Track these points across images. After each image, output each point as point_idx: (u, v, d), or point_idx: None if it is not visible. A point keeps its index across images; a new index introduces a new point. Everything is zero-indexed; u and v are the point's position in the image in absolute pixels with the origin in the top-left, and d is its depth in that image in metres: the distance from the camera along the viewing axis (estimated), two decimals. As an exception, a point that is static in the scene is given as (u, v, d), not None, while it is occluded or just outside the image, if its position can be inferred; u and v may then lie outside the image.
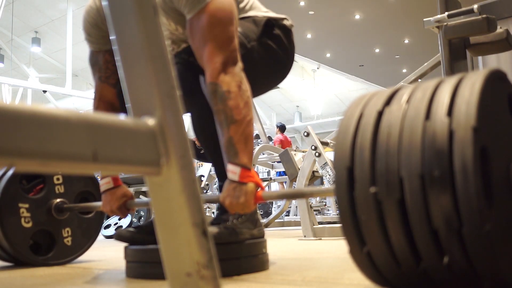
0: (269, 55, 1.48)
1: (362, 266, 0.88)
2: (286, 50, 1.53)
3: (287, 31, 1.54)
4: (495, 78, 0.83)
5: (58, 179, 1.90)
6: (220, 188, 1.46)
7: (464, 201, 0.71)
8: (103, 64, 1.51)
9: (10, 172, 1.77)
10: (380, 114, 0.85)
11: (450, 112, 0.76)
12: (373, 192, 0.80)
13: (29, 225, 1.77)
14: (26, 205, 1.78)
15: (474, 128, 0.72)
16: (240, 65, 1.28)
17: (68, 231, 1.89)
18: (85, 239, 1.95)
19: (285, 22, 1.53)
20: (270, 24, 1.48)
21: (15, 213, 1.74)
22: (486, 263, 0.74)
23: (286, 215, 6.02)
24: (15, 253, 1.74)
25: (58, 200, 1.86)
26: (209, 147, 1.46)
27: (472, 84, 0.78)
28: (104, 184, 1.47)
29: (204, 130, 1.46)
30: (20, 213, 1.75)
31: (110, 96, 1.52)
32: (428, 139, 0.76)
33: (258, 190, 1.25)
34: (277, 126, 9.39)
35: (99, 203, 1.62)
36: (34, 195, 1.83)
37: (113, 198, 1.46)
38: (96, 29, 1.47)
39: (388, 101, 0.87)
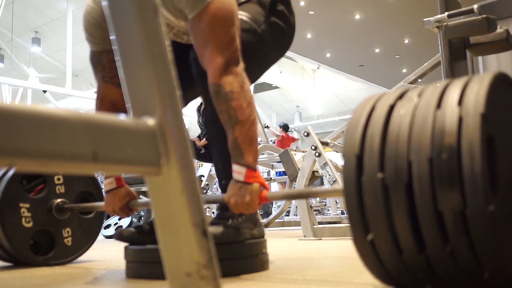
0: (277, 33, 1.52)
1: (364, 254, 0.89)
2: (289, 22, 1.57)
3: (288, 3, 1.57)
4: (502, 80, 0.87)
5: (58, 179, 1.90)
6: (222, 187, 1.46)
7: (470, 182, 0.73)
8: (107, 64, 1.48)
9: (11, 172, 1.77)
10: (392, 107, 0.88)
11: (460, 102, 0.80)
12: (381, 178, 0.82)
13: (30, 225, 1.77)
14: (27, 205, 1.78)
15: (483, 115, 0.76)
16: (242, 65, 1.28)
17: (68, 231, 1.89)
18: (85, 239, 1.95)
19: None
20: (274, 1, 1.51)
21: (16, 213, 1.75)
22: (488, 249, 0.75)
23: (286, 215, 6.02)
24: (16, 252, 1.74)
25: (59, 200, 1.86)
26: (220, 146, 1.42)
27: (481, 80, 0.82)
28: (107, 184, 1.47)
29: (217, 126, 1.39)
30: (20, 213, 1.75)
31: (113, 96, 1.51)
32: (438, 125, 0.79)
33: (263, 190, 1.25)
34: (280, 126, 9.40)
35: (100, 203, 1.62)
36: (34, 195, 1.83)
37: (115, 199, 1.46)
38: (100, 29, 1.43)
39: (400, 97, 0.91)
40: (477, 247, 0.76)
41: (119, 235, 1.43)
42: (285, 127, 9.33)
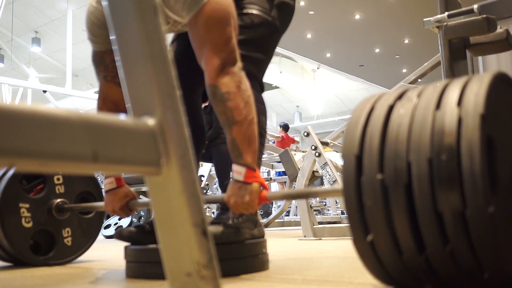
0: (284, 11, 1.54)
1: (364, 255, 0.89)
2: None
3: None
4: (501, 80, 0.87)
5: (58, 179, 1.90)
6: (225, 186, 1.46)
7: (469, 183, 0.73)
8: (110, 64, 1.49)
9: (11, 172, 1.77)
10: (391, 107, 0.88)
11: (460, 103, 0.80)
12: (380, 178, 0.82)
13: (30, 225, 1.77)
14: (27, 205, 1.78)
15: (482, 115, 0.76)
16: (239, 64, 1.28)
17: (68, 231, 1.89)
18: (85, 239, 1.95)
19: None
20: None
21: (15, 213, 1.75)
22: (488, 249, 0.75)
23: (286, 215, 6.03)
24: (16, 253, 1.74)
25: (58, 200, 1.86)
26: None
27: (480, 80, 0.82)
28: (107, 184, 1.47)
29: None
30: (20, 213, 1.75)
31: (115, 95, 1.51)
32: (438, 126, 0.79)
33: (263, 190, 1.25)
34: (280, 126, 9.40)
35: (100, 203, 1.62)
36: (34, 195, 1.83)
37: (115, 198, 1.46)
38: (103, 29, 1.43)
39: (399, 97, 0.91)
40: (477, 247, 0.76)
41: (119, 234, 1.44)
42: (285, 127, 9.33)
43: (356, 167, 0.86)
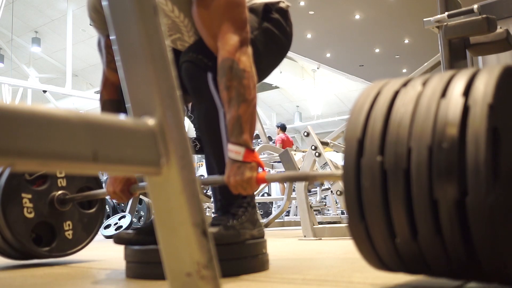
0: (271, 40, 1.51)
1: (357, 238, 0.89)
2: (285, 31, 1.56)
3: (284, 13, 1.56)
4: (510, 73, 0.87)
5: (60, 172, 1.91)
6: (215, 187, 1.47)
7: (472, 172, 0.73)
8: (105, 49, 1.55)
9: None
10: (396, 94, 0.88)
11: (466, 93, 0.79)
12: (380, 161, 0.82)
13: (32, 215, 1.78)
14: (29, 196, 1.78)
15: (490, 105, 0.76)
16: (251, 49, 1.32)
17: (69, 225, 1.89)
18: (86, 234, 1.96)
19: (281, 4, 1.56)
20: (268, 9, 1.51)
21: (18, 203, 1.75)
22: (486, 240, 0.75)
23: (286, 215, 6.02)
24: (17, 243, 1.74)
25: (60, 192, 1.87)
26: (214, 146, 1.43)
27: (490, 71, 0.82)
28: None
29: (211, 128, 1.42)
30: (23, 203, 1.76)
31: (113, 79, 1.57)
32: (441, 114, 0.78)
33: (261, 172, 1.26)
34: (278, 126, 9.40)
35: (102, 190, 1.67)
36: (37, 187, 1.84)
37: (117, 180, 1.48)
38: (95, 12, 1.50)
39: (405, 84, 0.91)
40: (474, 237, 0.76)
41: (118, 238, 1.42)
42: (282, 127, 9.33)
43: (358, 150, 0.86)
